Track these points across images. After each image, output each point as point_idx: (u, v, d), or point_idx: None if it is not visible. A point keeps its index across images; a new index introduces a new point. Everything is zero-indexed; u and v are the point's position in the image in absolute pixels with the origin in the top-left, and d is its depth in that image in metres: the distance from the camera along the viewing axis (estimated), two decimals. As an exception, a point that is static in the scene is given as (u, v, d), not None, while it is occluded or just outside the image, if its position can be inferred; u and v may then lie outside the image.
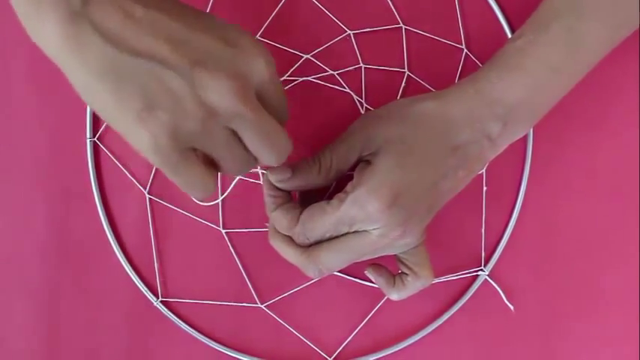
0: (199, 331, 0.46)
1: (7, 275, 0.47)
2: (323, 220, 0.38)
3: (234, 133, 0.33)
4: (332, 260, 0.39)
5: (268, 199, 0.41)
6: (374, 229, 0.38)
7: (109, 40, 0.30)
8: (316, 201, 0.40)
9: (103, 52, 0.30)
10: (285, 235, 0.41)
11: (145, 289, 0.46)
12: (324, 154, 0.40)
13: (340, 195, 0.38)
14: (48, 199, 0.47)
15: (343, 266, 0.40)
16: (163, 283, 0.47)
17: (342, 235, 0.39)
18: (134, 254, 0.47)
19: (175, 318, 0.46)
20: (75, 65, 0.31)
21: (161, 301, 0.46)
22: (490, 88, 0.39)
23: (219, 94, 0.31)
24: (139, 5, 0.30)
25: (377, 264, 0.43)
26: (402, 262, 0.42)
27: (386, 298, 0.46)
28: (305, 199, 0.42)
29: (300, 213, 0.39)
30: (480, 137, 0.39)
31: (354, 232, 0.38)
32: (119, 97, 0.31)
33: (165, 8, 0.31)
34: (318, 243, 0.39)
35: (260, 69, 0.32)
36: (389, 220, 0.37)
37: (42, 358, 0.47)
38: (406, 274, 0.42)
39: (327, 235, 0.39)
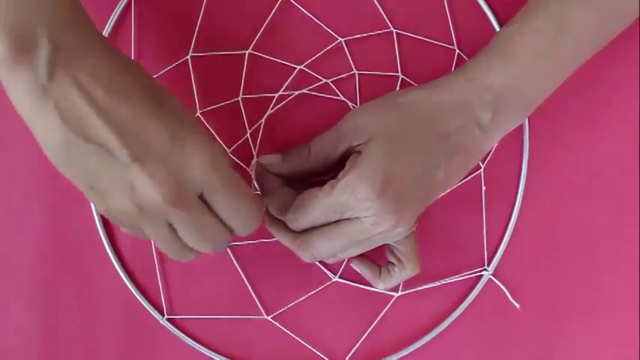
0: (206, 347, 0.46)
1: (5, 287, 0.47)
2: (314, 205, 0.38)
3: (172, 227, 0.35)
4: (324, 246, 0.39)
5: (260, 184, 0.41)
6: (366, 217, 0.38)
7: (65, 120, 0.32)
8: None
9: (60, 129, 0.32)
10: (281, 220, 0.41)
11: (151, 307, 0.46)
12: (314, 141, 0.40)
13: (332, 181, 0.38)
14: (45, 216, 0.46)
15: (336, 253, 0.40)
16: (168, 300, 0.46)
17: (335, 221, 0.39)
18: (137, 272, 0.46)
19: (182, 335, 0.46)
20: (38, 132, 0.33)
21: (167, 319, 0.46)
22: (479, 76, 0.39)
23: (150, 195, 0.33)
24: (100, 87, 0.32)
25: (362, 255, 0.43)
26: (392, 252, 0.42)
27: (390, 303, 0.46)
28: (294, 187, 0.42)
29: (294, 199, 0.40)
30: (471, 125, 0.39)
31: (346, 219, 0.38)
32: (69, 172, 0.34)
33: (125, 91, 0.32)
34: (312, 229, 0.40)
35: (197, 167, 0.33)
36: (381, 207, 0.37)
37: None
38: (393, 264, 0.42)
39: (320, 222, 0.39)
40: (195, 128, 0.34)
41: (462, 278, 0.46)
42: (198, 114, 0.45)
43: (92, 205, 0.46)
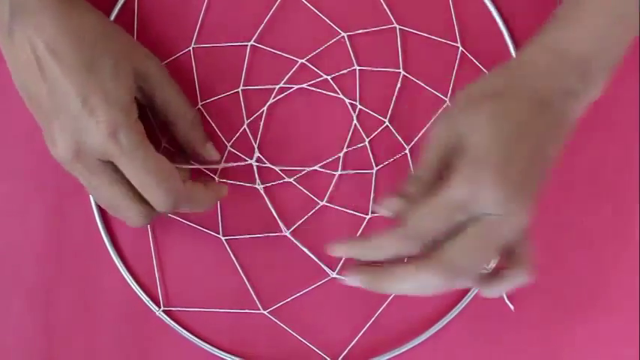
0: (203, 340, 0.46)
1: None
2: (430, 206, 0.34)
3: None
4: (460, 255, 0.34)
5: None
6: (494, 207, 0.34)
7: (19, 64, 0.37)
8: None
9: (16, 70, 0.38)
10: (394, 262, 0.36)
11: (147, 298, 0.46)
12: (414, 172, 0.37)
13: (439, 183, 0.35)
14: (45, 210, 0.46)
15: (477, 264, 0.35)
16: (164, 293, 0.46)
17: (462, 229, 0.34)
18: (134, 264, 0.46)
19: (178, 327, 0.46)
20: (8, 64, 0.38)
21: (163, 311, 0.46)
22: (555, 44, 0.37)
23: (58, 149, 0.37)
24: (41, 44, 0.36)
25: None
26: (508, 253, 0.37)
27: (388, 300, 0.45)
28: None
29: None
30: (562, 92, 0.37)
31: (470, 220, 0.34)
32: (29, 108, 0.39)
33: (60, 51, 0.36)
34: (437, 248, 0.34)
35: (97, 135, 0.36)
36: (508, 192, 0.34)
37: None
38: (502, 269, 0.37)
39: (443, 228, 0.34)
40: (112, 98, 0.37)
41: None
42: (200, 106, 0.45)
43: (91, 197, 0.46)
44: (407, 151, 0.46)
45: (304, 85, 0.46)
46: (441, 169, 0.36)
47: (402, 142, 0.46)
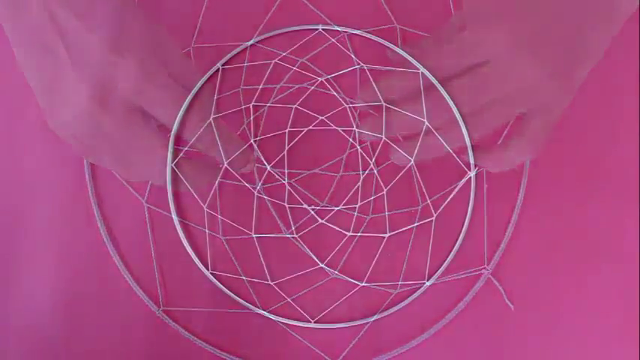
0: (202, 340, 0.46)
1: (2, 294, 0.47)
2: (440, 49, 0.36)
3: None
4: (459, 91, 0.36)
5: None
6: (498, 53, 0.35)
7: (31, 28, 0.36)
8: None
9: (27, 35, 0.36)
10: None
11: (147, 298, 0.46)
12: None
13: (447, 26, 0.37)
14: (46, 210, 0.46)
15: (479, 101, 0.36)
16: (164, 293, 0.46)
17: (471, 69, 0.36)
18: (134, 264, 0.46)
19: (178, 327, 0.46)
20: (13, 40, 0.37)
21: (163, 311, 0.46)
22: None
23: (78, 95, 0.35)
24: (55, 2, 0.35)
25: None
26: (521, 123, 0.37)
27: (388, 300, 0.45)
28: None
29: None
30: None
31: (480, 65, 0.36)
32: (33, 79, 0.37)
33: (77, 8, 0.35)
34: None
35: (129, 75, 0.35)
36: (514, 42, 0.35)
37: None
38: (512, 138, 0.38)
39: (449, 59, 0.36)
40: (137, 40, 0.36)
41: (461, 276, 0.46)
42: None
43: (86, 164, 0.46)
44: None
45: (305, 85, 0.46)
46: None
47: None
